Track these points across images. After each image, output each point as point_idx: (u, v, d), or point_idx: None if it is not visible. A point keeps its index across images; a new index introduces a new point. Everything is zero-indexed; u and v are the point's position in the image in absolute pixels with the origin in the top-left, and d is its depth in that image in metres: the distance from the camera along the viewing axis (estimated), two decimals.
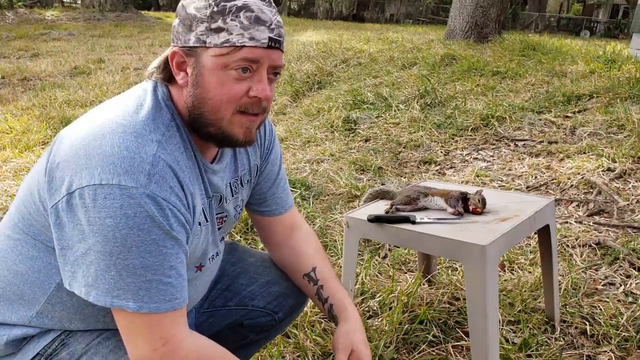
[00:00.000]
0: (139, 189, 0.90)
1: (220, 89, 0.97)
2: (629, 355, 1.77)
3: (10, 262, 1.05)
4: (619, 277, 2.26)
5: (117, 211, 0.89)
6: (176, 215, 0.95)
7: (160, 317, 0.94)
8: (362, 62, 7.14)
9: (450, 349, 1.81)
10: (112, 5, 18.77)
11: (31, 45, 10.76)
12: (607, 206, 2.90)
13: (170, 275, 0.95)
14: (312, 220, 2.77)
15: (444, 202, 1.70)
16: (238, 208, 1.25)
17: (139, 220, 0.90)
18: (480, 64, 6.15)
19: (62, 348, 1.06)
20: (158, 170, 0.93)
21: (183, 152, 1.00)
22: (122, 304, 0.92)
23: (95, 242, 0.90)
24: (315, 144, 4.32)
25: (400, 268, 2.37)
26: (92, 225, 0.89)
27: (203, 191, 1.07)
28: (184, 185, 0.98)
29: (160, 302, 0.94)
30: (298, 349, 1.78)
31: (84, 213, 0.90)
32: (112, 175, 0.89)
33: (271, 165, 1.31)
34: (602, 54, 6.81)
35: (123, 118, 0.96)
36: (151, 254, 0.92)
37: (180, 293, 0.97)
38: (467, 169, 3.62)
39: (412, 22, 26.30)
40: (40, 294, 1.04)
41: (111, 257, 0.90)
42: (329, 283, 1.31)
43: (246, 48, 0.96)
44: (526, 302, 2.03)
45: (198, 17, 0.96)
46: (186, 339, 0.98)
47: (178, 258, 0.96)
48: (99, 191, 0.89)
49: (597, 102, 4.58)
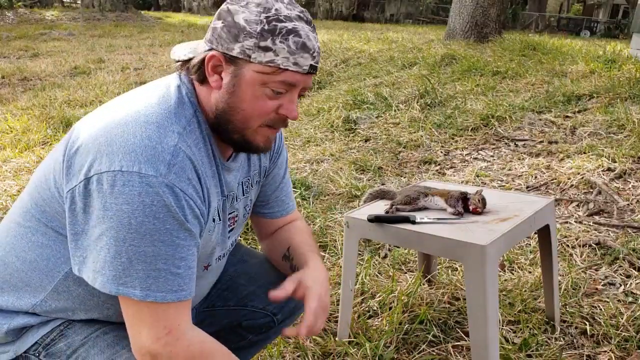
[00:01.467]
0: (159, 178, 0.91)
1: (254, 103, 1.00)
2: (629, 355, 1.77)
3: (19, 249, 1.06)
4: (619, 277, 2.26)
5: (135, 198, 0.89)
6: (192, 207, 0.96)
7: (166, 307, 0.95)
8: (362, 62, 7.14)
9: (450, 349, 1.81)
10: (112, 5, 18.78)
11: (31, 45, 10.76)
12: (607, 206, 2.90)
13: (180, 267, 0.95)
14: (312, 220, 2.77)
15: (444, 202, 1.70)
16: (247, 208, 1.25)
17: (155, 208, 0.90)
18: (480, 63, 6.15)
19: (60, 339, 1.06)
20: (178, 161, 0.94)
21: (202, 148, 1.01)
22: (128, 291, 0.92)
23: (109, 227, 0.91)
24: (315, 144, 4.32)
25: (400, 268, 2.37)
26: (108, 211, 0.90)
27: (219, 189, 1.08)
28: (201, 178, 0.99)
29: (167, 291, 0.94)
30: (298, 349, 1.78)
31: (100, 198, 0.90)
32: (133, 162, 0.90)
33: (278, 168, 1.33)
34: (602, 54, 6.81)
35: (146, 109, 0.97)
36: (164, 244, 0.92)
37: (187, 285, 0.97)
38: (467, 169, 3.62)
39: (412, 22, 26.30)
40: (47, 282, 1.05)
41: (124, 243, 0.91)
42: (298, 251, 1.28)
43: (288, 72, 0.99)
44: (526, 302, 2.03)
45: (247, 31, 0.96)
46: (189, 331, 0.99)
47: (189, 250, 0.97)
48: (118, 177, 0.89)
49: (597, 102, 4.58)
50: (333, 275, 2.21)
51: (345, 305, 1.81)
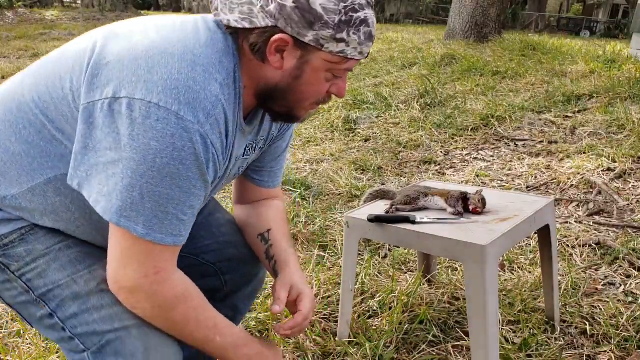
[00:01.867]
0: (195, 126, 0.88)
1: (314, 86, 1.01)
2: (629, 355, 1.77)
3: (5, 137, 1.00)
4: (619, 277, 2.26)
5: (167, 138, 0.87)
6: (215, 161, 0.96)
7: (163, 248, 0.95)
8: (362, 62, 7.14)
9: (450, 349, 1.80)
10: (112, 5, 18.80)
11: (31, 45, 10.76)
12: (607, 206, 2.90)
13: (187, 214, 0.95)
14: (312, 220, 2.77)
15: (444, 202, 1.70)
16: (241, 169, 1.23)
17: (184, 154, 0.89)
18: (480, 63, 6.15)
19: (20, 243, 1.02)
20: (216, 112, 0.92)
21: (232, 104, 0.98)
22: (129, 225, 0.91)
23: (130, 157, 0.87)
24: (315, 144, 4.32)
25: (400, 268, 2.36)
26: (134, 141, 0.87)
27: (229, 146, 1.06)
28: (229, 135, 0.98)
29: (168, 235, 0.94)
30: (298, 349, 1.78)
31: (127, 125, 0.87)
32: (173, 101, 0.87)
33: (283, 140, 1.30)
34: (602, 54, 6.82)
35: (194, 47, 0.93)
36: (181, 190, 0.91)
37: (186, 231, 0.97)
38: (467, 169, 3.62)
39: (412, 22, 26.30)
40: (25, 181, 1.00)
41: (141, 178, 0.88)
42: (279, 244, 1.29)
43: (353, 60, 0.99)
44: (526, 302, 2.03)
45: (325, 20, 0.93)
46: (176, 273, 1.00)
47: (199, 200, 0.97)
48: (153, 110, 0.86)
49: (597, 102, 4.58)
50: (333, 275, 2.21)
51: (345, 305, 1.81)
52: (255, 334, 1.85)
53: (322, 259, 2.38)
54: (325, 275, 2.21)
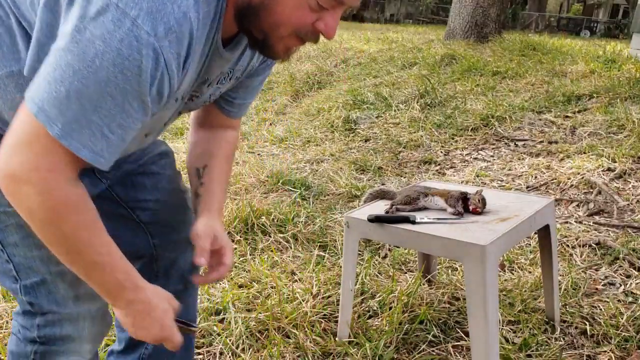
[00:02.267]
0: (150, 38, 0.79)
1: (294, 11, 0.90)
2: (629, 355, 1.77)
3: None
4: (619, 277, 2.26)
5: (114, 42, 0.78)
6: (162, 83, 0.85)
7: (73, 158, 0.84)
8: (362, 62, 7.14)
9: (450, 349, 1.81)
10: None
11: None
12: (607, 206, 2.90)
13: (114, 132, 0.84)
14: (312, 220, 2.77)
15: (444, 202, 1.70)
16: (212, 97, 1.15)
17: (128, 64, 0.79)
18: (480, 63, 6.15)
19: None
20: (180, 31, 0.82)
21: (207, 25, 0.89)
22: (47, 122, 0.81)
23: (69, 49, 0.79)
24: (315, 144, 4.32)
25: (400, 268, 2.37)
26: (79, 34, 0.79)
27: (199, 70, 0.98)
28: (188, 59, 0.88)
29: (86, 147, 0.83)
30: (298, 349, 1.78)
31: (78, 15, 0.79)
32: (135, 5, 0.78)
33: (260, 74, 1.23)
34: (602, 54, 6.82)
35: None
36: (113, 100, 0.81)
37: (110, 155, 0.87)
38: (467, 169, 3.63)
39: (412, 22, 26.32)
40: None
41: (73, 75, 0.79)
42: (210, 185, 1.23)
43: None
44: (526, 302, 2.03)
45: None
46: (77, 187, 0.89)
47: (132, 124, 0.86)
48: (110, 9, 0.78)
49: (597, 102, 4.58)
50: (333, 275, 2.21)
51: (345, 305, 1.82)
52: (256, 334, 1.85)
53: (322, 259, 2.38)
54: (325, 275, 2.21)
